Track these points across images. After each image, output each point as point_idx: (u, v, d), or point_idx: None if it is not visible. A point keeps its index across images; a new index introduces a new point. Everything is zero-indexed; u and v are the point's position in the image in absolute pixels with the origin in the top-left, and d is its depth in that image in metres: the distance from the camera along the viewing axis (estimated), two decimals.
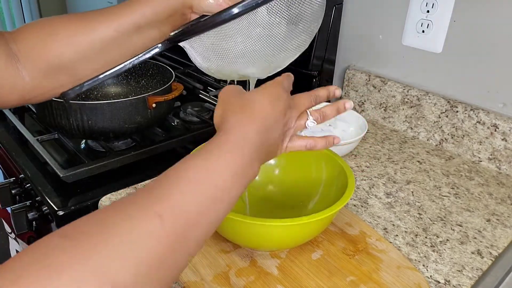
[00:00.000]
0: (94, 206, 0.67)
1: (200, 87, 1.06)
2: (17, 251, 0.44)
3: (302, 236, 0.53)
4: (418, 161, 0.80)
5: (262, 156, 0.42)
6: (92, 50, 0.49)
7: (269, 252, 0.55)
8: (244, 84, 0.55)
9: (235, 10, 0.44)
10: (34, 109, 0.88)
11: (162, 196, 0.33)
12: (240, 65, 0.50)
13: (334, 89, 0.51)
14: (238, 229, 0.51)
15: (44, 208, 0.71)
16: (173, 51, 1.32)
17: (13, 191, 0.83)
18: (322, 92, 0.50)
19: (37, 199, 0.74)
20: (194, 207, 0.33)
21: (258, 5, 0.44)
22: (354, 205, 0.67)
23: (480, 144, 0.80)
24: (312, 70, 0.96)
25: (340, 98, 1.03)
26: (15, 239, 0.46)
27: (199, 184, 0.34)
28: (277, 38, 0.48)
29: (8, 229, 0.46)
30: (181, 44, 0.52)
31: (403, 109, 0.90)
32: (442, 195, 0.70)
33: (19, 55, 0.47)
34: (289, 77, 0.48)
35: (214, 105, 0.99)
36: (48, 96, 0.51)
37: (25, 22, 2.60)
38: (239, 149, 0.38)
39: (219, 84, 1.12)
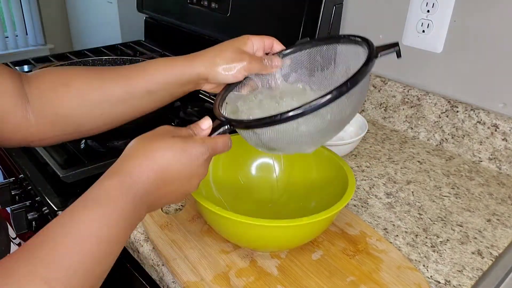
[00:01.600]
0: None
1: None
2: None
3: (303, 237, 0.53)
4: (419, 161, 0.80)
5: (153, 204, 0.42)
6: (101, 108, 0.51)
7: (269, 252, 0.55)
8: None
9: (307, 110, 0.42)
10: None
11: (47, 258, 0.32)
12: (291, 148, 0.49)
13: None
14: (238, 230, 0.51)
15: (44, 208, 0.71)
16: (173, 51, 1.33)
17: (13, 191, 0.83)
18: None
19: (36, 199, 0.73)
20: (81, 264, 0.34)
21: (322, 106, 0.42)
22: (354, 205, 0.67)
23: (481, 144, 0.80)
24: None
25: None
26: (19, 244, 0.46)
27: (84, 241, 0.34)
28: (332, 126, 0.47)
29: (12, 234, 0.46)
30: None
31: (403, 109, 0.90)
32: (443, 195, 0.70)
33: (30, 97, 0.48)
34: (225, 146, 0.46)
35: None
36: (50, 142, 0.52)
37: (24, 22, 2.60)
38: (128, 196, 0.38)
39: None
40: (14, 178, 0.85)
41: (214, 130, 0.46)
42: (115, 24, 2.05)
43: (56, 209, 0.64)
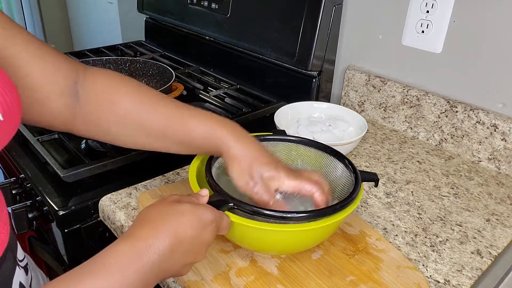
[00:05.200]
0: (94, 206, 0.67)
1: (200, 87, 1.06)
2: (21, 284, 0.44)
3: (306, 242, 0.52)
4: (418, 161, 0.80)
5: (166, 270, 0.41)
6: (136, 132, 0.54)
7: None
8: None
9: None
10: None
11: None
12: None
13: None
14: (242, 233, 0.51)
15: (45, 208, 0.71)
16: (173, 51, 1.33)
17: (13, 191, 0.83)
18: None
19: (37, 199, 0.74)
20: None
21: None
22: None
23: (480, 144, 0.80)
24: (312, 70, 0.96)
25: (341, 99, 1.03)
26: (25, 266, 0.46)
27: None
28: None
29: (20, 256, 0.45)
30: None
31: (402, 109, 0.90)
32: (442, 195, 0.70)
33: (80, 98, 0.52)
34: (228, 225, 0.47)
35: (215, 105, 1.00)
36: (91, 138, 0.57)
37: (25, 22, 2.60)
38: (139, 263, 0.38)
39: (219, 84, 1.12)
40: (14, 178, 0.85)
41: (218, 204, 0.47)
42: (115, 24, 2.05)
43: (56, 209, 0.65)
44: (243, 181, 0.51)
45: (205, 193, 0.48)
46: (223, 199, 0.48)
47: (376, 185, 0.55)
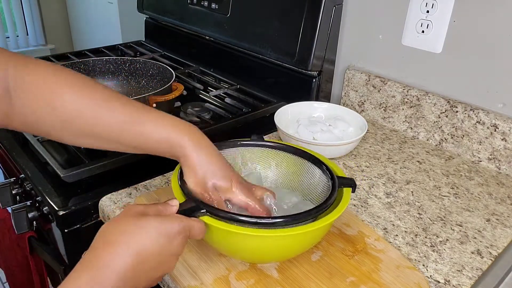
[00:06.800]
0: (94, 206, 0.67)
1: (200, 87, 1.06)
2: None
3: (298, 246, 0.51)
4: (418, 161, 0.80)
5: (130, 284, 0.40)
6: (81, 135, 0.49)
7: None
8: None
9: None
10: None
11: None
12: None
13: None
14: (218, 238, 0.50)
15: (45, 208, 0.71)
16: (173, 51, 1.33)
17: (13, 191, 0.83)
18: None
19: (37, 199, 0.74)
20: None
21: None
22: (354, 205, 0.67)
23: (480, 144, 0.80)
24: (312, 70, 0.96)
25: (341, 99, 1.03)
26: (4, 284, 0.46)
27: None
28: None
29: (3, 279, 0.45)
30: None
31: (403, 109, 0.90)
32: (442, 195, 0.70)
33: (13, 96, 0.46)
34: (201, 231, 0.46)
35: (215, 105, 1.00)
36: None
37: (25, 23, 2.60)
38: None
39: (219, 84, 1.12)
40: (14, 178, 0.85)
41: (190, 211, 0.46)
42: (115, 24, 2.05)
43: (56, 209, 0.65)
44: (198, 192, 0.50)
45: (175, 203, 0.46)
46: (194, 206, 0.46)
47: (353, 191, 0.53)
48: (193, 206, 0.47)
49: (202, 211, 0.46)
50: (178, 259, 0.45)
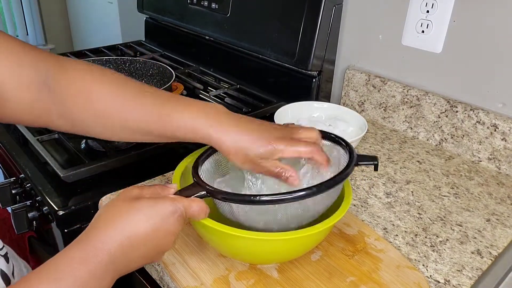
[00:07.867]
0: (94, 206, 0.67)
1: (200, 87, 1.06)
2: (2, 271, 0.45)
3: (298, 249, 0.52)
4: (418, 161, 0.80)
5: (123, 270, 0.42)
6: (115, 128, 0.51)
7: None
8: None
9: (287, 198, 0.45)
10: None
11: None
12: (265, 226, 0.50)
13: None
14: (231, 243, 0.50)
15: (45, 208, 0.71)
16: (173, 51, 1.33)
17: (13, 191, 0.83)
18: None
19: (37, 199, 0.74)
20: None
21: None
22: (354, 205, 0.67)
23: (480, 144, 0.80)
24: (312, 70, 0.96)
25: (341, 98, 1.03)
26: (4, 255, 0.46)
27: None
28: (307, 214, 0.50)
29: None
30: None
31: (403, 109, 0.90)
32: (442, 195, 0.70)
33: (54, 94, 0.49)
34: (200, 211, 0.46)
35: None
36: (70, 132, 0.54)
37: (25, 22, 2.60)
38: (90, 265, 0.39)
39: (219, 84, 1.12)
40: (14, 178, 0.85)
41: (189, 192, 0.47)
42: (115, 24, 2.05)
43: (56, 208, 0.65)
44: (250, 168, 0.50)
45: (173, 185, 0.48)
46: (193, 188, 0.47)
47: (376, 169, 0.52)
48: (191, 189, 0.47)
49: (201, 193, 0.47)
50: (176, 237, 0.45)
